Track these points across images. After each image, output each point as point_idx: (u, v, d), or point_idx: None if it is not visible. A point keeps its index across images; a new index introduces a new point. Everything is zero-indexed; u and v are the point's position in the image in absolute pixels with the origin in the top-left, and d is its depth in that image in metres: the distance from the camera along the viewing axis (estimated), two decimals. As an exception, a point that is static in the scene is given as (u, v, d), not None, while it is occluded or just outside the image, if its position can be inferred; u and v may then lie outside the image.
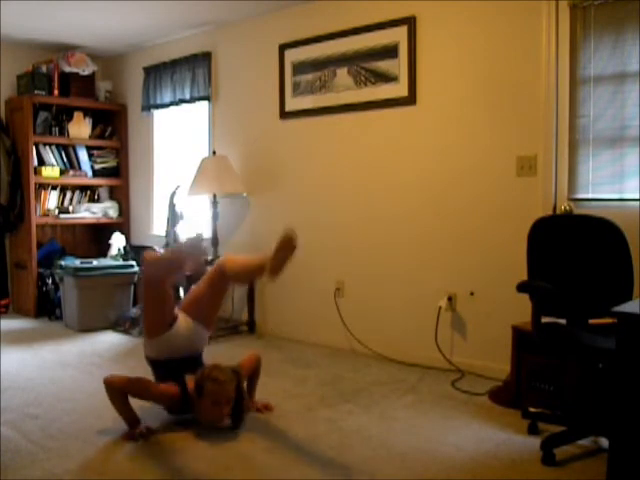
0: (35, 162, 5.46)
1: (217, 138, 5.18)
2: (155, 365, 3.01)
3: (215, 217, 4.88)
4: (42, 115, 5.51)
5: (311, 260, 4.57)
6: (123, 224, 5.99)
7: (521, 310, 3.16)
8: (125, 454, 2.58)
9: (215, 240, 4.87)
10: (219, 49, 5.12)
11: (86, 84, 5.73)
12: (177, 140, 5.66)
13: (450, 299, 3.83)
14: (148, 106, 5.62)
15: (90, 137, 5.84)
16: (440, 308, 3.86)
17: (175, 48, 5.39)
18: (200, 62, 5.16)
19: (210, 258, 4.80)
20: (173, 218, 4.95)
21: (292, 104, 4.61)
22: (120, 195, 6.05)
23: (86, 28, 5.14)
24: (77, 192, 5.86)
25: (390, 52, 4.04)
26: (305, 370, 3.84)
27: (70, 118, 5.69)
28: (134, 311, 5.01)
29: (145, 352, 3.03)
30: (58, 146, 5.64)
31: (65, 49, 5.66)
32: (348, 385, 3.54)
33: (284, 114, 4.67)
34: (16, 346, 4.41)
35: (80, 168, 5.74)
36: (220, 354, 4.22)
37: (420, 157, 3.96)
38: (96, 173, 5.86)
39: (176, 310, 3.04)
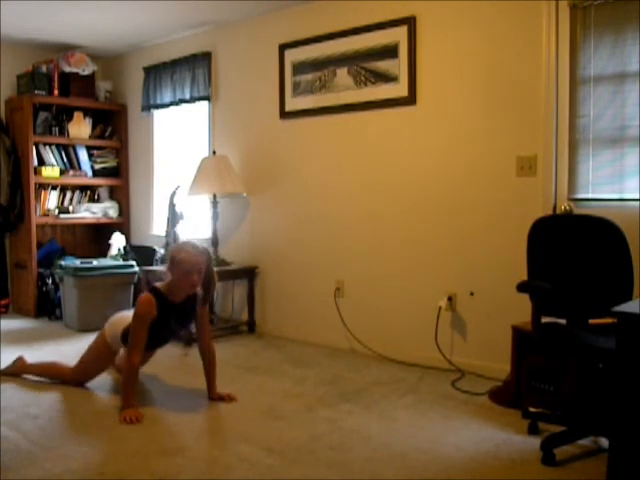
0: (35, 162, 5.46)
1: (217, 138, 5.18)
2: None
3: (215, 217, 4.88)
4: (42, 115, 5.51)
5: (311, 260, 4.57)
6: (123, 224, 5.99)
7: (521, 310, 3.16)
8: (125, 454, 2.58)
9: (215, 240, 4.87)
10: (219, 49, 5.12)
11: (86, 84, 5.74)
12: (177, 140, 5.66)
13: (450, 299, 3.83)
14: (148, 106, 5.63)
15: (90, 137, 5.84)
16: (440, 308, 3.86)
17: (175, 48, 5.39)
18: (200, 62, 5.16)
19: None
20: (173, 218, 4.94)
21: (292, 104, 4.61)
22: (120, 195, 6.05)
23: (86, 28, 5.14)
24: (77, 192, 5.86)
25: (390, 52, 4.04)
26: (305, 370, 3.84)
27: (70, 118, 5.69)
28: (134, 311, 5.00)
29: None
30: (58, 146, 5.64)
31: (65, 49, 5.66)
32: (348, 385, 3.54)
33: (284, 114, 4.67)
34: (16, 346, 4.41)
35: (80, 168, 5.74)
36: (220, 354, 4.22)
37: (420, 157, 3.97)
38: (96, 173, 5.86)
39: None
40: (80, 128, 5.74)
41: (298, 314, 4.67)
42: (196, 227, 5.28)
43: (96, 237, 6.09)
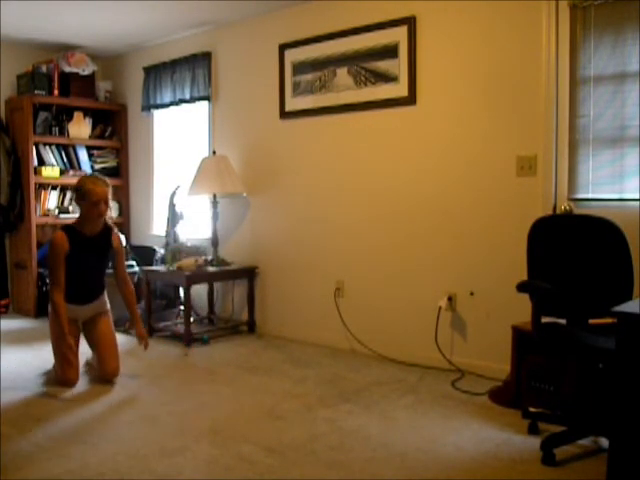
0: (35, 162, 5.46)
1: (217, 138, 5.18)
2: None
3: (215, 217, 4.88)
4: (42, 115, 5.51)
5: (311, 260, 4.57)
6: (123, 224, 5.99)
7: (521, 310, 3.16)
8: (125, 454, 2.58)
9: (215, 240, 4.87)
10: (219, 49, 5.12)
11: (86, 84, 5.74)
12: (177, 140, 5.66)
13: (450, 299, 3.83)
14: (148, 106, 5.62)
15: (90, 137, 5.84)
16: (440, 308, 3.86)
17: (175, 48, 5.39)
18: (200, 62, 5.16)
19: (210, 258, 4.81)
20: (173, 218, 4.94)
21: (292, 104, 4.61)
22: (120, 195, 6.05)
23: (86, 28, 5.14)
24: (77, 192, 5.85)
25: (390, 52, 4.03)
26: (305, 370, 3.84)
27: (70, 118, 5.69)
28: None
29: None
30: (58, 146, 5.64)
31: (65, 49, 5.66)
32: (348, 385, 3.54)
33: (284, 114, 4.67)
34: (16, 346, 4.41)
35: (80, 168, 5.74)
36: (220, 354, 4.23)
37: (420, 157, 3.96)
38: (96, 173, 5.86)
39: None
40: (80, 128, 5.74)
41: (298, 314, 4.66)
42: (196, 227, 5.28)
43: (96, 237, 6.08)
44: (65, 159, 5.67)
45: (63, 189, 5.73)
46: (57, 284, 3.39)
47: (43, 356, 4.10)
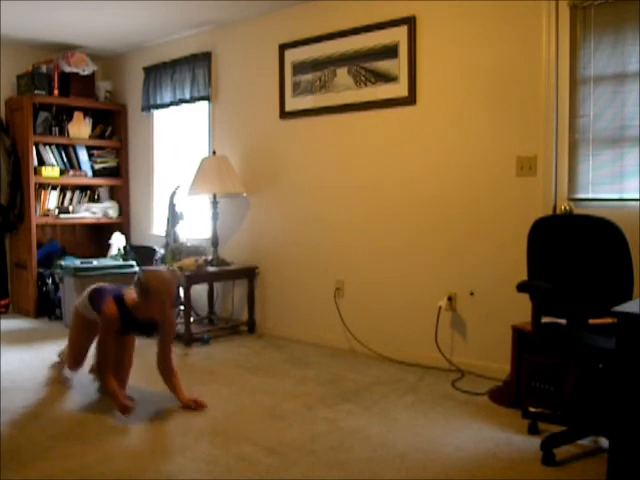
0: (35, 162, 5.46)
1: (217, 138, 5.18)
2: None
3: (215, 217, 4.88)
4: (42, 115, 5.51)
5: (311, 260, 4.57)
6: (123, 224, 5.99)
7: (521, 310, 3.16)
8: (125, 454, 2.58)
9: (215, 240, 4.87)
10: (219, 49, 5.12)
11: (86, 84, 5.74)
12: (177, 140, 5.66)
13: (450, 299, 3.83)
14: (148, 106, 5.63)
15: (90, 137, 5.84)
16: (440, 308, 3.86)
17: (175, 48, 5.39)
18: (200, 62, 5.16)
19: (210, 258, 4.81)
20: (173, 218, 4.94)
21: (292, 104, 4.61)
22: (120, 195, 6.05)
23: (86, 28, 5.14)
24: (77, 192, 5.86)
25: (390, 52, 4.04)
26: (305, 370, 3.84)
27: (70, 118, 5.69)
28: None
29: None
30: (58, 146, 5.64)
31: (65, 49, 5.66)
32: (348, 385, 3.54)
33: (284, 114, 4.67)
34: (16, 346, 4.41)
35: (80, 168, 5.74)
36: (221, 354, 4.23)
37: (420, 157, 3.97)
38: (96, 173, 5.86)
39: None
40: (80, 128, 5.74)
41: (298, 314, 4.67)
42: (196, 227, 5.28)
43: (96, 237, 6.08)
44: (65, 159, 5.67)
45: (63, 189, 5.73)
46: (107, 365, 3.06)
47: (43, 356, 4.10)
